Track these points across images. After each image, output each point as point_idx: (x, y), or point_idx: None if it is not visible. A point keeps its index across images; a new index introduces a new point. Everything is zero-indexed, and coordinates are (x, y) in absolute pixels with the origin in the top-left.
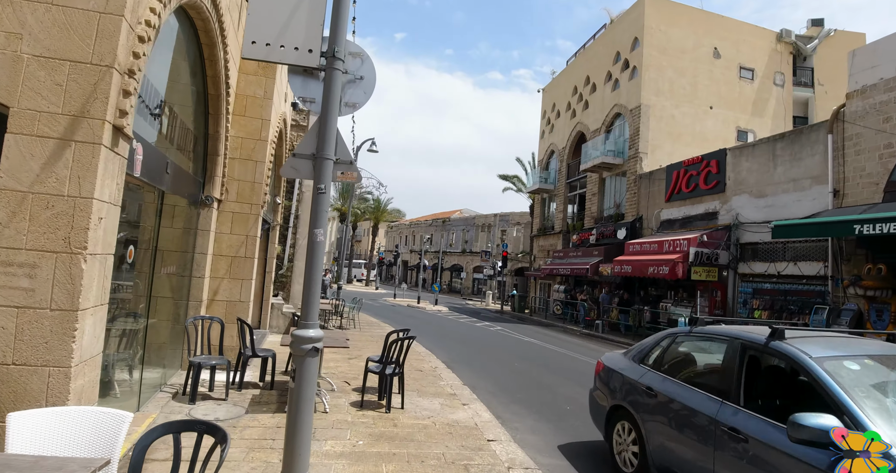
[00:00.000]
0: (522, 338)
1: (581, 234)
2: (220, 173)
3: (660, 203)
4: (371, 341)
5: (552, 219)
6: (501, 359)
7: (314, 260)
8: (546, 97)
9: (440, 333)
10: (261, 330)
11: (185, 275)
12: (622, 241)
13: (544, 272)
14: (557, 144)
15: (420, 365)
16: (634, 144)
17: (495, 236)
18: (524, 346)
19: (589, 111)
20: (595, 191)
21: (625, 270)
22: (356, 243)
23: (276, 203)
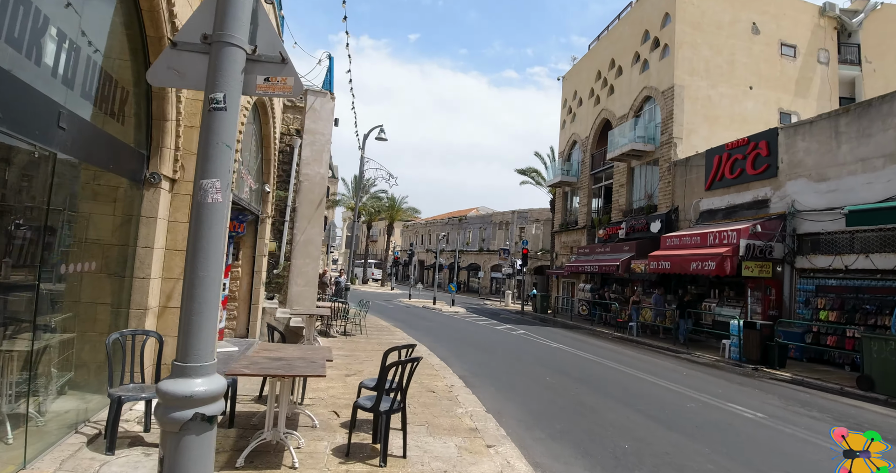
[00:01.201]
0: (549, 344)
1: (608, 228)
2: (172, 145)
3: (699, 192)
4: (377, 350)
5: (575, 213)
6: (529, 371)
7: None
8: (567, 85)
9: (457, 338)
10: (248, 340)
11: (125, 275)
12: (656, 235)
13: (568, 270)
14: (580, 134)
15: (432, 383)
16: (667, 128)
17: (513, 234)
18: (553, 354)
19: (615, 96)
20: (623, 182)
21: (662, 266)
22: (372, 243)
23: (264, 191)
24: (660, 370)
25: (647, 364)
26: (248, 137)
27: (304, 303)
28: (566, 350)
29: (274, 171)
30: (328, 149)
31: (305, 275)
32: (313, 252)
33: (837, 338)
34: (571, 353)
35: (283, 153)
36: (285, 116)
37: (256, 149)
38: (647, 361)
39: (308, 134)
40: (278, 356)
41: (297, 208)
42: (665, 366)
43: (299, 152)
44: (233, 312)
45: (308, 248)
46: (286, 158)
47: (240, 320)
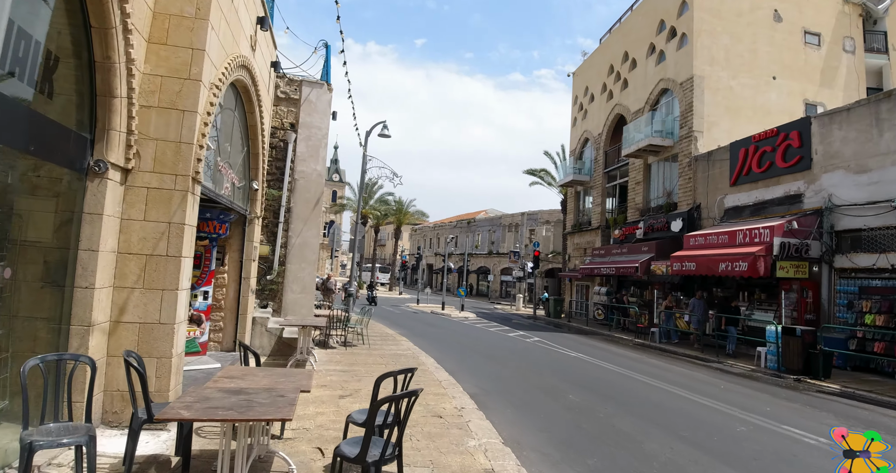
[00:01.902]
0: (567, 352)
1: (624, 228)
2: (124, 127)
3: (723, 188)
4: (380, 364)
5: (588, 214)
6: (549, 387)
7: None
8: (577, 81)
9: (467, 347)
10: (235, 354)
11: (63, 285)
12: (678, 234)
13: (582, 273)
14: (592, 131)
15: (439, 405)
16: (687, 121)
17: (523, 236)
18: (572, 364)
19: (629, 91)
20: (639, 179)
21: (687, 267)
22: (380, 248)
23: (251, 189)
24: (693, 382)
25: (677, 376)
26: (229, 125)
27: (301, 312)
28: (586, 360)
29: (263, 166)
30: (325, 144)
31: (301, 281)
32: (310, 256)
33: (886, 344)
34: (592, 363)
35: (275, 149)
36: (278, 109)
37: (241, 141)
38: (676, 372)
39: (303, 128)
40: (239, 386)
41: (292, 208)
42: (697, 378)
43: (294, 148)
44: (218, 323)
45: (304, 251)
46: (279, 155)
47: (226, 332)
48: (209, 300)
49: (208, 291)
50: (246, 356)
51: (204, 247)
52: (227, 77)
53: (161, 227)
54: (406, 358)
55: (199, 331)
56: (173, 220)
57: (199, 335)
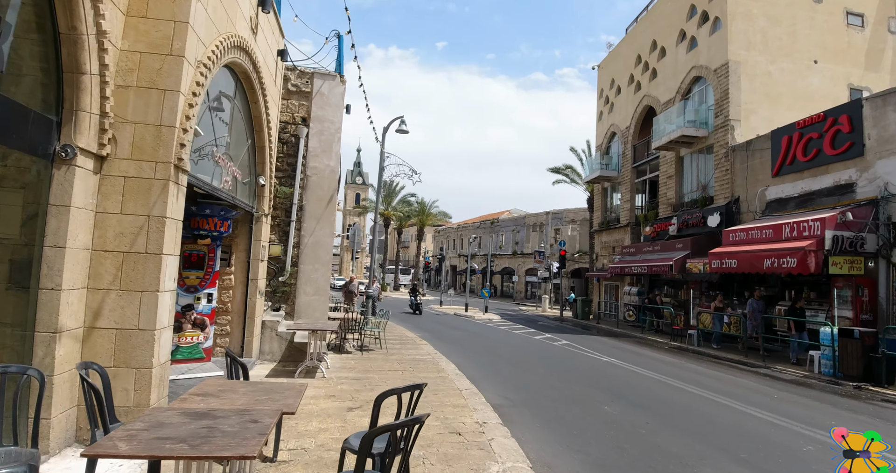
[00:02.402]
0: (598, 357)
1: (656, 225)
2: (95, 108)
3: (764, 179)
4: (396, 371)
5: (616, 211)
6: (581, 397)
7: None
8: (602, 74)
9: (490, 351)
10: (244, 360)
11: (27, 286)
12: (715, 229)
13: (612, 272)
14: (619, 125)
15: (459, 419)
16: (722, 110)
17: (548, 236)
18: (605, 371)
19: (658, 81)
20: (671, 173)
21: (727, 265)
22: (403, 250)
23: (258, 185)
24: (742, 391)
25: (723, 384)
26: (228, 114)
27: (314, 314)
28: (620, 366)
29: (271, 161)
30: (338, 139)
31: (315, 282)
32: (323, 256)
33: None
34: (627, 369)
35: (286, 145)
36: (289, 102)
37: (244, 133)
38: (721, 378)
39: (315, 122)
40: (209, 407)
41: (305, 206)
42: (745, 385)
43: (306, 143)
44: (224, 327)
45: (317, 251)
46: (291, 151)
47: (233, 336)
48: (214, 303)
49: (213, 293)
50: (234, 368)
51: (207, 246)
52: (219, 56)
53: (139, 221)
54: (425, 364)
55: (203, 336)
56: (153, 213)
57: (202, 341)
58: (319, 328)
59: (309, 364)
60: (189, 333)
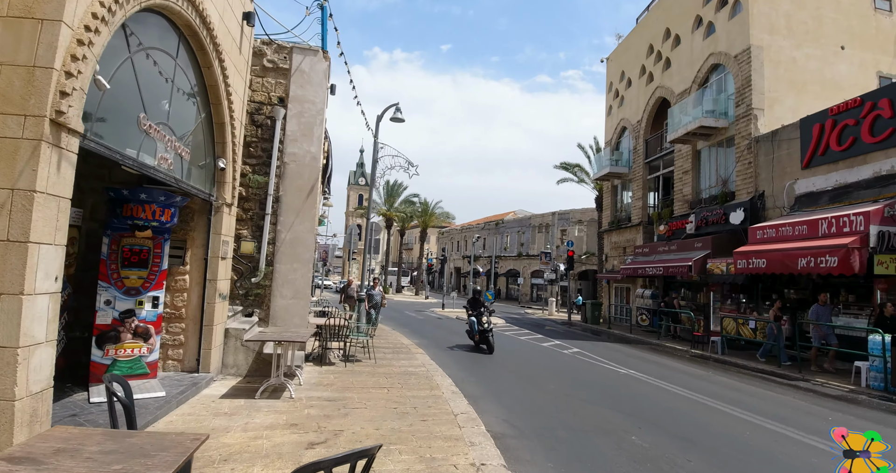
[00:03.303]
0: (614, 368)
1: (671, 223)
2: None
3: (793, 172)
4: (381, 387)
5: (627, 209)
6: (603, 421)
7: None
8: (612, 66)
9: (495, 361)
10: (199, 376)
11: None
12: (738, 227)
13: (623, 274)
14: (630, 119)
15: (450, 460)
16: (744, 98)
17: (554, 237)
18: (626, 385)
19: (672, 71)
20: (687, 167)
21: (755, 265)
22: (407, 252)
23: (217, 168)
24: (790, 412)
25: (765, 402)
26: (165, 76)
27: (292, 321)
28: (641, 380)
29: (235, 142)
30: (321, 121)
31: (293, 284)
32: (303, 254)
33: None
34: (650, 384)
35: (261, 128)
36: (265, 80)
37: (195, 104)
38: (760, 396)
39: (294, 103)
40: None
41: (282, 197)
42: (791, 404)
43: (283, 126)
44: (177, 337)
45: (296, 249)
46: (266, 134)
47: (188, 347)
48: (160, 308)
49: (159, 296)
50: (111, 409)
51: (151, 240)
52: None
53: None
54: (417, 379)
55: (147, 348)
56: (18, 185)
57: (146, 353)
58: (286, 340)
59: (274, 382)
60: (129, 344)
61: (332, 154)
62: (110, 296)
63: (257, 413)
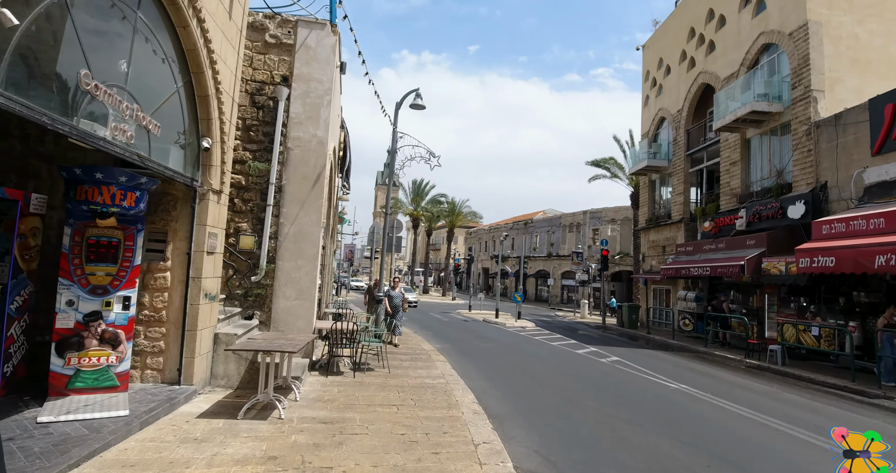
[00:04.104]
0: (663, 381)
1: (717, 219)
2: None
3: (861, 159)
4: (391, 405)
5: (667, 205)
6: (662, 458)
7: None
8: (648, 54)
9: (524, 371)
10: (178, 389)
11: None
12: (798, 221)
13: (664, 274)
14: (669, 108)
15: None
16: (801, 80)
17: (585, 236)
18: (679, 404)
19: (717, 54)
20: (735, 158)
21: (821, 264)
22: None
23: (201, 149)
24: None
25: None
26: (130, 36)
27: (296, 324)
28: (697, 397)
29: (223, 119)
30: (329, 102)
31: (297, 283)
32: (308, 250)
33: None
34: (709, 403)
35: (263, 110)
36: (267, 57)
37: (170, 71)
38: (846, 420)
39: (299, 82)
40: None
41: (285, 186)
42: (889, 432)
43: (286, 108)
44: (157, 343)
45: (301, 244)
46: (268, 117)
47: (168, 356)
48: (132, 310)
49: (130, 296)
50: None
51: (121, 231)
52: None
53: None
54: (434, 393)
55: (116, 356)
56: None
57: (115, 362)
58: (273, 349)
59: (262, 399)
60: (94, 352)
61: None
62: (73, 296)
63: (233, 440)
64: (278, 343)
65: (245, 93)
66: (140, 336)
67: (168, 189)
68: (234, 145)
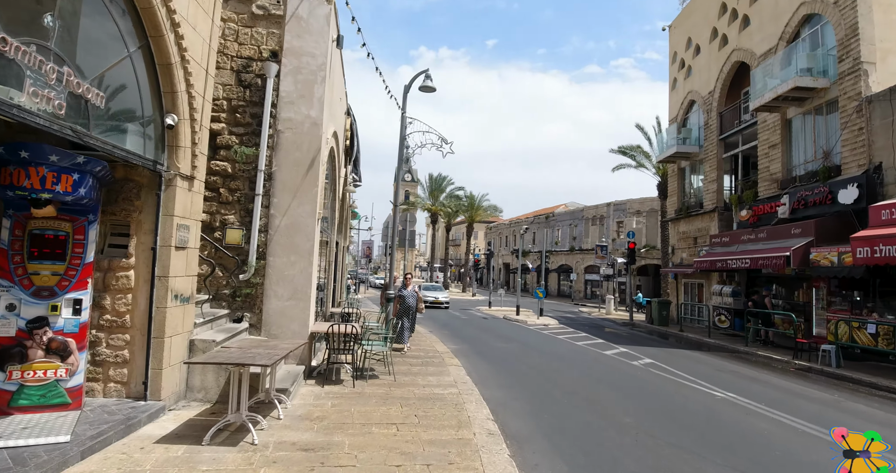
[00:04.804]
0: (706, 389)
1: (755, 207)
2: None
3: None
4: (391, 423)
5: (698, 194)
6: None
7: None
8: (675, 34)
9: (548, 376)
10: (144, 405)
11: None
12: (850, 207)
13: (698, 267)
14: (700, 90)
15: None
16: (849, 51)
17: (609, 229)
18: (731, 418)
19: (752, 29)
20: (775, 140)
21: (883, 253)
22: (454, 248)
23: (164, 126)
24: None
25: None
26: None
27: (290, 326)
28: (749, 408)
29: (192, 92)
30: (323, 79)
31: (291, 282)
32: (303, 245)
33: None
34: (765, 416)
35: (250, 89)
36: (254, 31)
37: (119, 31)
38: None
39: (290, 56)
40: None
41: (275, 173)
42: None
43: (275, 86)
44: (121, 352)
45: (294, 238)
46: (255, 97)
47: (133, 366)
48: (84, 315)
49: (82, 298)
50: None
51: (67, 223)
52: None
53: None
54: (442, 407)
55: (66, 369)
56: None
57: (64, 377)
58: (241, 362)
59: (234, 420)
60: (40, 364)
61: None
62: (14, 299)
63: None
64: (252, 354)
65: (230, 71)
66: (102, 344)
67: (130, 175)
68: (219, 129)
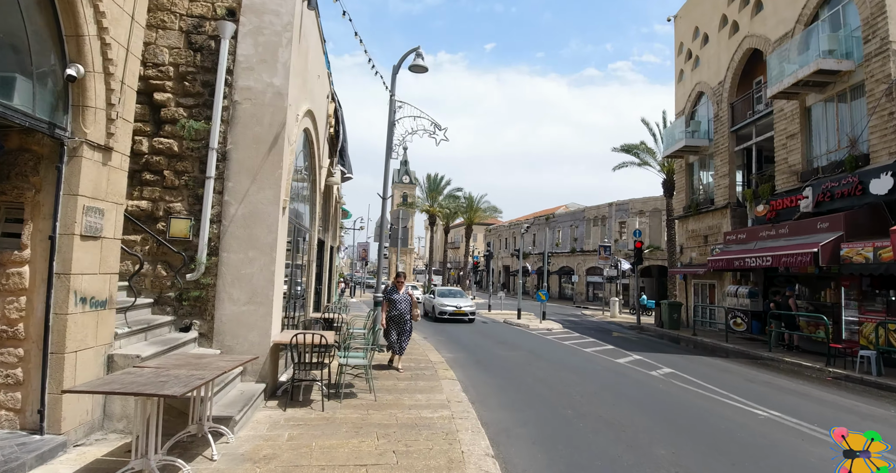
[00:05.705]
0: (744, 406)
1: (773, 202)
2: None
3: None
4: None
5: (708, 190)
6: None
7: None
8: (681, 24)
9: (556, 390)
10: (44, 439)
11: None
12: (883, 198)
13: (712, 266)
14: (709, 81)
15: None
16: (875, 31)
17: (611, 230)
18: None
19: (765, 13)
20: (794, 130)
21: None
22: (453, 250)
23: (66, 79)
24: None
25: None
26: None
27: (248, 336)
28: (801, 431)
29: (105, 37)
30: (289, 40)
31: (249, 282)
32: (263, 237)
33: None
34: (822, 440)
35: (202, 52)
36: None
37: None
38: None
39: (249, 14)
40: None
41: (230, 152)
42: None
43: (232, 49)
44: (12, 371)
45: (253, 229)
46: (208, 62)
47: (29, 389)
48: None
49: None
50: None
51: None
52: None
53: None
54: (430, 437)
55: None
56: None
57: None
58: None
59: (139, 467)
60: None
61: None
62: None
63: None
64: (166, 377)
65: (178, 31)
66: None
67: (27, 144)
68: (164, 100)
